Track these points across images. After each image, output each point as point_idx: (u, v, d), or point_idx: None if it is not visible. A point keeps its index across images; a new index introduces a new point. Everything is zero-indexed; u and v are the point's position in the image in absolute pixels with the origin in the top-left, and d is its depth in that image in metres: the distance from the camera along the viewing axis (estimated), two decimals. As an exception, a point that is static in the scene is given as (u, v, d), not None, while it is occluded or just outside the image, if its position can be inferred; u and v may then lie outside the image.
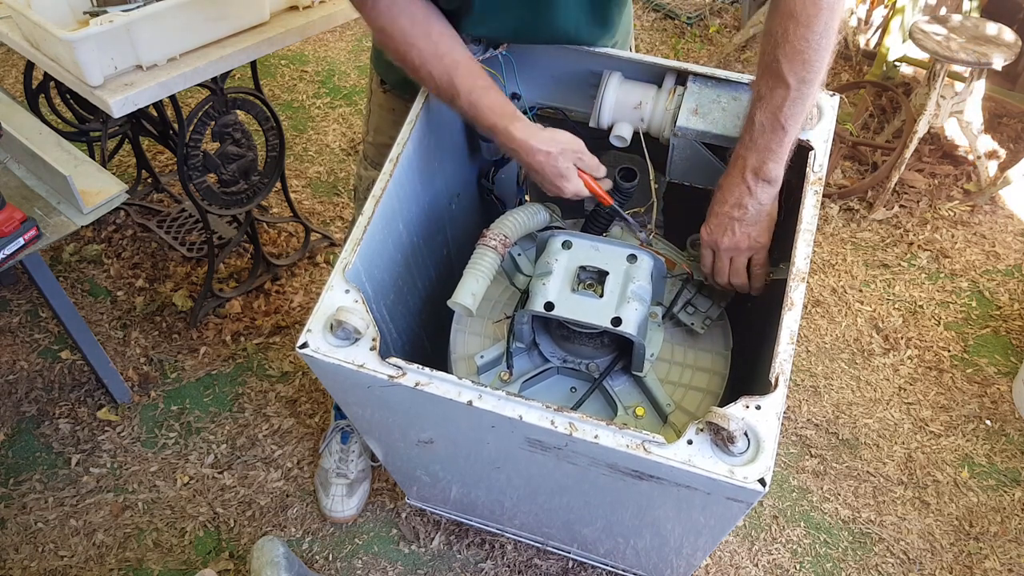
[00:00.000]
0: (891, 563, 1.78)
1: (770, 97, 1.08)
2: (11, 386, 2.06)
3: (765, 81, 1.09)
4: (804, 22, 1.04)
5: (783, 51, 1.05)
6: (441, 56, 1.11)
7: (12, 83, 3.03)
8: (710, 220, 1.18)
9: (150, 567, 1.75)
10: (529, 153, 1.15)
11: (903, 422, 2.04)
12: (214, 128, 1.85)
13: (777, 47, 1.06)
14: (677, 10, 3.56)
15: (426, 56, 1.10)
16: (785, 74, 1.06)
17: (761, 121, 1.09)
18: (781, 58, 1.06)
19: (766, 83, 1.08)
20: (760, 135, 1.10)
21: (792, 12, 1.04)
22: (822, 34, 1.04)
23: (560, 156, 1.17)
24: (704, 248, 1.21)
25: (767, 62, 1.08)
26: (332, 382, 1.14)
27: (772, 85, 1.08)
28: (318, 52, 3.28)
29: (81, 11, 1.65)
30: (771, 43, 1.07)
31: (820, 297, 2.34)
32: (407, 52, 1.11)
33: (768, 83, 1.08)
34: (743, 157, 1.12)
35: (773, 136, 1.09)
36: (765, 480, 0.91)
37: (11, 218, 1.47)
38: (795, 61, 1.05)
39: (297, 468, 1.91)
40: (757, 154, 1.11)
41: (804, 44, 1.05)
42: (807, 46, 1.05)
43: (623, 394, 1.22)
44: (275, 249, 2.41)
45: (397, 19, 1.09)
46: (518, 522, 1.63)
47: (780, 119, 1.08)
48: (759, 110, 1.09)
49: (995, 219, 2.59)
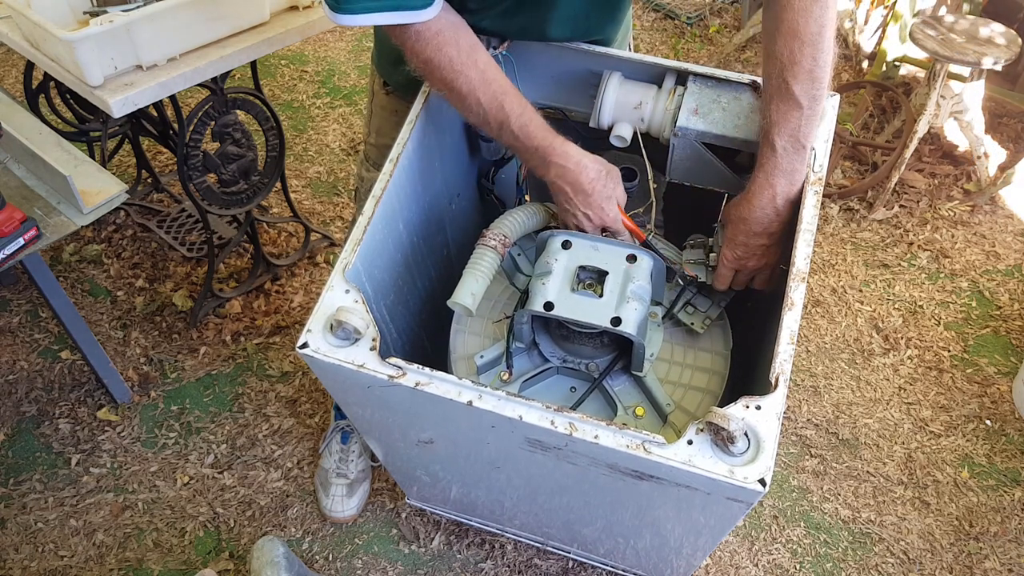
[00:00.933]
0: (891, 563, 1.78)
1: (785, 121, 1.08)
2: (11, 386, 2.06)
3: (777, 105, 1.09)
4: (810, 41, 1.04)
5: (792, 73, 1.06)
6: (489, 82, 1.11)
7: (12, 83, 3.03)
8: (736, 247, 1.18)
9: (150, 567, 1.75)
10: (582, 171, 1.15)
11: (903, 422, 2.04)
12: (214, 128, 1.85)
13: (785, 69, 1.06)
14: (677, 10, 3.56)
15: (475, 83, 1.11)
16: (798, 96, 1.06)
17: (783, 146, 1.10)
18: (791, 80, 1.06)
19: (778, 107, 1.09)
20: (784, 160, 1.10)
21: (796, 32, 1.04)
22: (827, 50, 1.05)
23: (608, 178, 1.18)
24: (726, 269, 1.21)
25: (776, 85, 1.08)
26: (332, 382, 1.14)
27: (785, 109, 1.08)
28: (318, 52, 3.28)
29: (81, 11, 1.65)
30: (777, 66, 1.07)
31: (820, 297, 2.34)
32: (454, 80, 1.11)
33: (780, 107, 1.08)
34: (772, 186, 1.12)
35: (796, 156, 1.10)
36: (765, 480, 0.91)
37: (11, 218, 1.47)
38: (805, 81, 1.06)
39: (297, 468, 1.91)
40: (786, 178, 1.11)
41: (812, 63, 1.05)
42: (815, 64, 1.05)
43: (623, 394, 1.22)
44: (275, 249, 2.41)
45: (444, 49, 1.09)
46: (518, 522, 1.63)
47: (800, 139, 1.09)
48: (778, 136, 1.09)
49: (995, 219, 2.59)
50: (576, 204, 1.17)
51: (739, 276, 1.23)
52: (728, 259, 1.20)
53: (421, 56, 1.10)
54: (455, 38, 1.10)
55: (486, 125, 1.15)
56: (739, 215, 1.17)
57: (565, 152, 1.14)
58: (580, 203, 1.17)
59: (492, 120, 1.13)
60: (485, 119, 1.14)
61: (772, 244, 1.17)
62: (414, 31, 1.08)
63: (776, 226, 1.15)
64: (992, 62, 2.33)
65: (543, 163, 1.15)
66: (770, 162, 1.11)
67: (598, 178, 1.16)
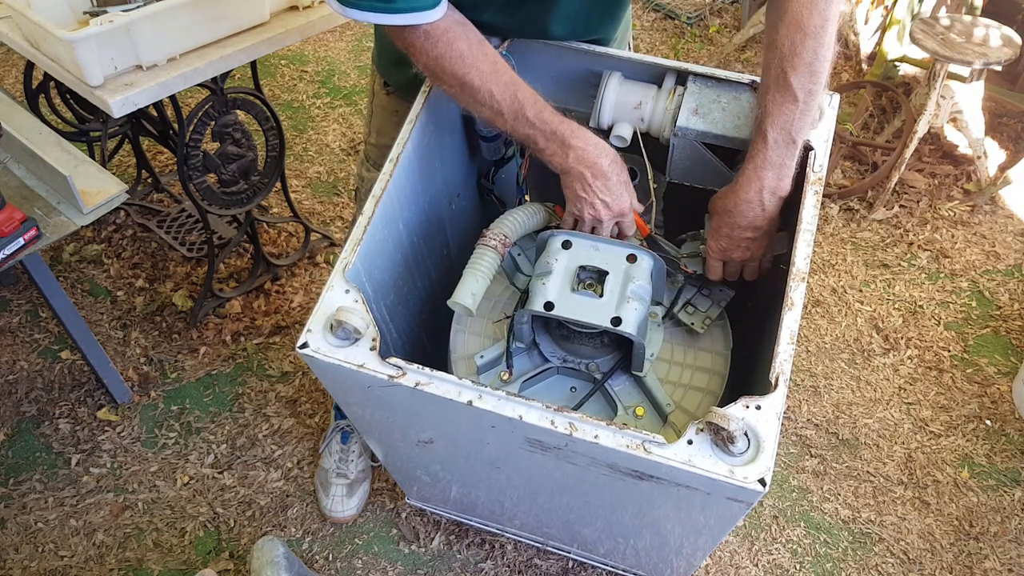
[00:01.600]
0: (891, 563, 1.78)
1: (779, 113, 1.08)
2: (11, 386, 2.06)
3: (773, 96, 1.08)
4: (812, 33, 1.04)
5: (791, 64, 1.05)
6: (500, 74, 1.12)
7: (12, 83, 3.03)
8: (720, 239, 1.19)
9: (150, 567, 1.75)
10: (602, 153, 1.14)
11: (903, 422, 2.04)
12: (214, 128, 1.85)
13: (785, 60, 1.06)
14: (677, 10, 3.56)
15: (486, 76, 1.11)
16: (795, 88, 1.06)
17: (775, 138, 1.09)
18: (789, 71, 1.06)
19: (774, 98, 1.08)
20: (774, 153, 1.10)
21: (800, 24, 1.04)
22: (828, 45, 1.05)
23: (623, 165, 1.18)
24: (713, 261, 1.22)
25: (775, 76, 1.08)
26: (332, 382, 1.14)
27: (781, 100, 1.07)
28: (318, 52, 3.28)
29: (81, 11, 1.65)
30: (777, 56, 1.07)
31: (820, 297, 2.34)
32: (467, 73, 1.11)
33: (776, 98, 1.08)
34: (760, 178, 1.12)
35: (787, 151, 1.10)
36: (765, 480, 0.91)
37: (11, 218, 1.47)
38: (804, 74, 1.05)
39: (297, 468, 1.91)
40: (774, 172, 1.11)
41: (812, 56, 1.05)
42: (815, 58, 1.05)
43: (623, 394, 1.22)
44: (275, 249, 2.41)
45: (454, 44, 1.10)
46: (518, 522, 1.63)
47: (792, 133, 1.09)
48: (771, 127, 1.09)
49: (995, 219, 2.59)
50: (595, 190, 1.15)
51: (728, 267, 1.23)
52: (713, 250, 1.21)
53: (431, 54, 1.11)
54: (464, 34, 1.11)
55: (499, 116, 1.14)
56: (724, 207, 1.17)
57: (584, 135, 1.14)
58: (599, 188, 1.15)
59: (507, 110, 1.13)
60: (499, 110, 1.13)
61: (757, 237, 1.17)
62: (423, 31, 1.08)
63: (761, 220, 1.15)
64: (992, 62, 2.33)
65: (562, 147, 1.13)
66: (760, 154, 1.11)
67: (616, 161, 1.16)
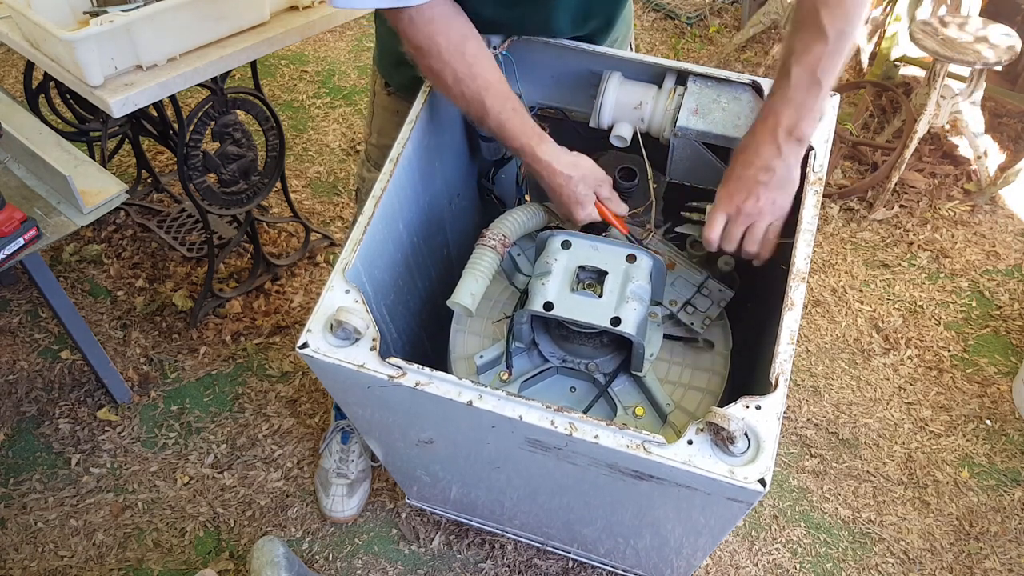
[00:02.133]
0: (891, 563, 1.78)
1: (807, 51, 1.05)
2: (11, 386, 2.06)
3: (801, 35, 1.05)
4: None
5: (825, 3, 1.03)
6: (474, 76, 1.12)
7: (12, 83, 3.03)
8: (730, 183, 1.13)
9: (150, 567, 1.75)
10: (551, 175, 1.17)
11: (903, 422, 2.04)
12: (214, 128, 1.85)
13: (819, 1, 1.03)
14: (677, 10, 3.55)
15: (460, 76, 1.11)
16: (825, 26, 1.03)
17: (798, 75, 1.05)
18: (822, 9, 1.03)
19: (802, 37, 1.05)
20: (796, 91, 1.06)
21: None
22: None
23: (580, 182, 1.18)
24: (717, 212, 1.13)
25: (805, 14, 1.05)
26: (332, 382, 1.14)
27: (809, 39, 1.04)
28: (318, 52, 3.28)
29: (81, 11, 1.64)
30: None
31: (820, 297, 2.34)
32: (441, 70, 1.12)
33: (805, 37, 1.05)
34: (776, 114, 1.07)
35: (809, 92, 1.06)
36: (765, 480, 0.91)
37: (11, 218, 1.47)
38: (836, 13, 1.02)
39: (297, 468, 1.91)
40: (792, 110, 1.07)
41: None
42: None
43: (623, 394, 1.22)
44: (275, 249, 2.41)
45: (435, 38, 1.10)
46: (518, 522, 1.63)
47: (817, 74, 1.05)
48: (795, 64, 1.05)
49: (995, 219, 2.59)
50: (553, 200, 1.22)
51: (730, 227, 1.14)
52: (720, 196, 1.13)
53: (412, 42, 1.11)
54: (446, 27, 1.10)
55: (471, 117, 1.18)
56: (738, 148, 1.13)
57: (535, 155, 1.16)
58: (554, 201, 1.22)
59: (474, 114, 1.15)
60: (468, 111, 1.16)
61: (768, 184, 1.09)
62: (407, 16, 1.08)
63: (776, 163, 1.08)
64: (992, 62, 2.33)
65: (523, 161, 1.19)
66: (780, 91, 1.07)
67: (566, 184, 1.17)
